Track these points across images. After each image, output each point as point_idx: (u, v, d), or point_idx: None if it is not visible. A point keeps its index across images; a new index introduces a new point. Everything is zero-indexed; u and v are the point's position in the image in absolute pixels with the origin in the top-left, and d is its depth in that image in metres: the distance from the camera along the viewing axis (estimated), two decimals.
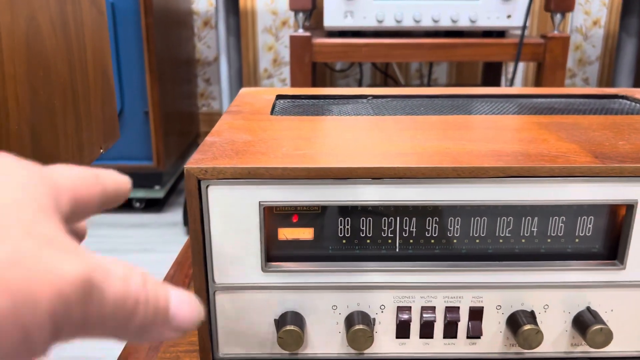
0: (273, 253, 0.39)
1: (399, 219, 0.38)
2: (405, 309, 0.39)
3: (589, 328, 0.38)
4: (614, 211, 0.38)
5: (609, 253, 0.39)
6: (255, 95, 0.60)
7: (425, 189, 0.37)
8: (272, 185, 0.36)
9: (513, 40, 1.38)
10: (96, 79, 0.60)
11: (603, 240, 0.39)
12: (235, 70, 1.69)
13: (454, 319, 0.39)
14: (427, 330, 0.40)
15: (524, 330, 0.38)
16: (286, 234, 0.38)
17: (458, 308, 0.39)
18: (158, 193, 1.80)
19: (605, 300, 0.39)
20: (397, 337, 0.40)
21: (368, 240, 0.39)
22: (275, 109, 0.55)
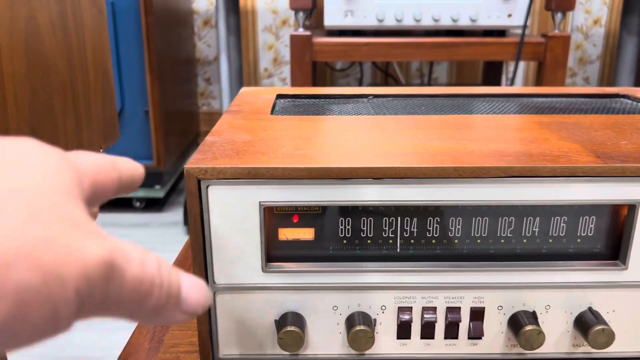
0: (273, 253, 0.38)
1: (399, 219, 0.38)
2: (406, 310, 0.39)
3: (590, 329, 0.38)
4: (616, 211, 0.38)
5: (611, 253, 0.39)
6: (255, 95, 0.60)
7: (427, 189, 0.36)
8: (273, 185, 0.36)
9: (514, 40, 1.38)
10: (96, 78, 0.59)
11: (605, 240, 0.39)
12: (235, 70, 1.68)
13: (455, 319, 0.39)
14: (428, 330, 0.40)
15: (526, 330, 0.38)
16: (286, 234, 0.38)
17: (459, 308, 0.39)
18: (158, 192, 1.79)
19: (607, 301, 0.39)
20: (398, 338, 0.40)
21: (369, 241, 0.38)
22: (276, 108, 0.55)
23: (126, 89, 1.67)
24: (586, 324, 0.38)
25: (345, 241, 0.38)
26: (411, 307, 0.39)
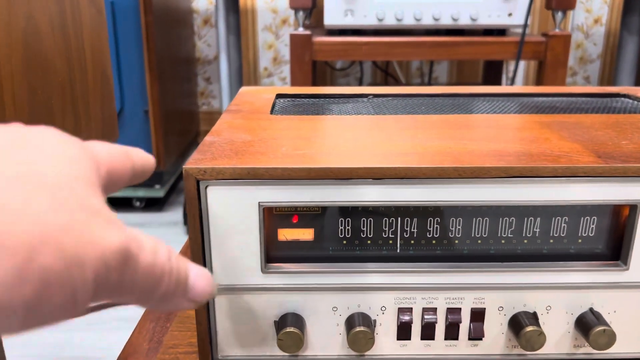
0: (273, 254, 0.38)
1: (399, 219, 0.38)
2: (406, 310, 0.39)
3: (592, 329, 0.38)
4: (618, 211, 0.38)
5: (612, 254, 0.39)
6: (254, 94, 0.59)
7: (427, 189, 0.36)
8: (272, 185, 0.36)
9: (514, 39, 1.37)
10: (95, 78, 0.59)
11: (606, 240, 0.39)
12: (235, 69, 1.68)
13: (455, 320, 0.39)
14: (429, 331, 0.39)
15: (527, 331, 0.38)
16: (286, 234, 0.38)
17: (460, 309, 0.39)
18: (158, 192, 1.79)
19: (608, 302, 0.39)
20: (398, 339, 0.40)
21: (369, 241, 0.38)
22: (275, 108, 0.55)
23: (126, 89, 1.66)
24: (587, 324, 0.38)
25: (345, 242, 0.38)
26: (411, 308, 0.39)
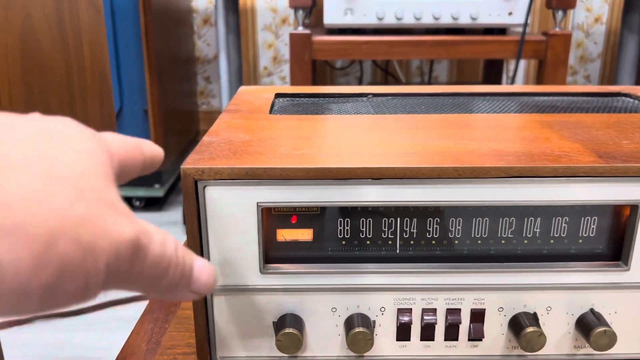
0: (271, 255, 0.38)
1: (399, 219, 0.38)
2: (405, 311, 0.39)
3: (592, 330, 0.37)
4: (618, 212, 0.38)
5: (613, 254, 0.38)
6: (254, 94, 0.59)
7: (426, 189, 0.36)
8: (270, 185, 0.36)
9: (514, 38, 1.37)
10: (93, 77, 0.59)
11: (607, 241, 0.38)
12: (235, 68, 1.68)
13: (455, 321, 0.39)
14: (428, 332, 0.39)
15: (527, 332, 0.37)
16: (285, 235, 0.38)
17: (459, 310, 0.39)
18: (158, 192, 1.79)
19: (609, 302, 0.39)
20: (398, 340, 0.39)
21: (368, 242, 0.38)
22: (274, 107, 0.54)
23: (125, 88, 1.66)
24: (588, 325, 0.38)
25: (344, 242, 0.38)
26: (411, 309, 0.39)
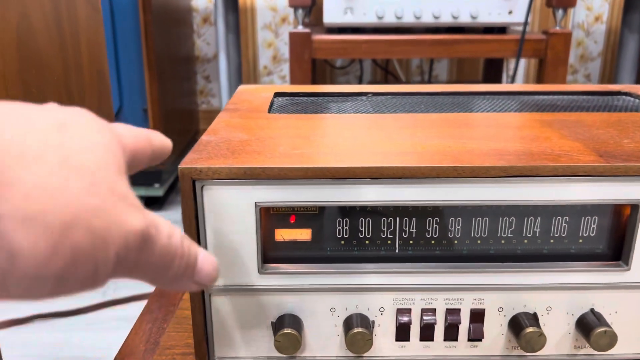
0: (270, 254, 0.38)
1: (398, 219, 0.37)
2: (405, 311, 0.39)
3: (592, 330, 0.37)
4: (619, 211, 0.37)
5: (613, 254, 0.38)
6: (253, 93, 0.59)
7: (425, 188, 0.36)
8: (269, 185, 0.35)
9: (514, 37, 1.37)
10: (91, 76, 0.59)
11: (607, 240, 0.38)
12: (234, 68, 1.68)
13: (454, 321, 0.38)
14: (428, 332, 0.39)
15: (527, 332, 0.37)
16: (283, 235, 0.38)
17: (459, 310, 0.38)
18: (157, 191, 1.79)
19: (610, 302, 0.38)
20: (397, 340, 0.39)
21: (367, 242, 0.38)
22: (273, 106, 0.54)
23: (125, 87, 1.66)
24: (588, 325, 0.38)
25: (343, 242, 0.38)
26: (410, 309, 0.38)
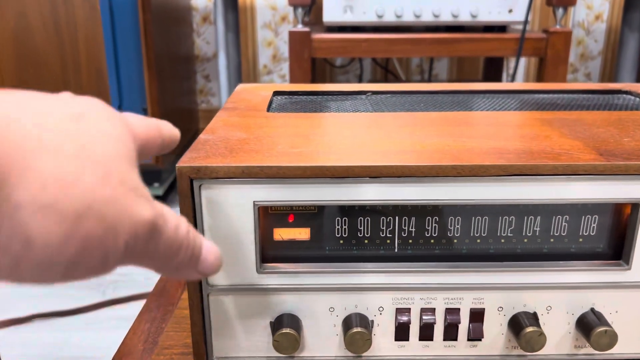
0: (268, 254, 0.38)
1: (397, 218, 0.37)
2: (404, 311, 0.38)
3: (593, 330, 0.37)
4: (619, 210, 0.37)
5: (614, 253, 0.38)
6: (252, 92, 0.59)
7: (425, 187, 0.36)
8: (267, 184, 0.35)
9: (514, 35, 1.36)
10: (89, 74, 0.59)
11: (607, 239, 0.38)
12: (234, 67, 1.67)
13: (454, 320, 0.38)
14: (427, 332, 0.39)
15: (527, 332, 0.37)
16: (282, 234, 0.37)
17: (458, 310, 0.38)
18: (157, 191, 1.79)
19: (610, 302, 0.38)
20: (396, 340, 0.39)
21: (366, 241, 0.38)
22: (272, 105, 0.54)
23: (124, 87, 1.66)
24: (588, 325, 0.38)
25: (342, 241, 0.38)
26: (409, 309, 0.38)
